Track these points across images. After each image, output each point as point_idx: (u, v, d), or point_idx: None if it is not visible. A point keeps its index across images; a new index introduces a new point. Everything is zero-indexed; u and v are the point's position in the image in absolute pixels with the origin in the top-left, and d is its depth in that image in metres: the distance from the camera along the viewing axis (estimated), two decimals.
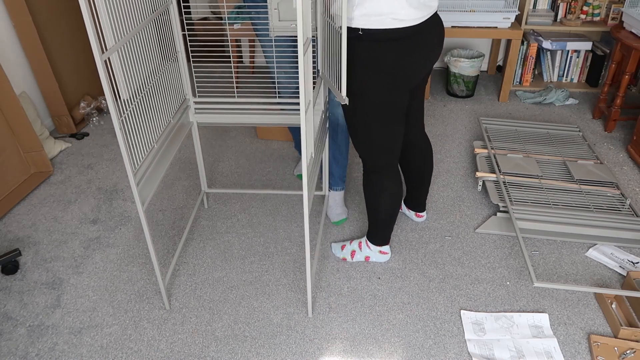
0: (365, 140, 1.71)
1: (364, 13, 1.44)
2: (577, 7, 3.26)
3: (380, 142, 1.70)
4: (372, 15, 1.44)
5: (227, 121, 2.01)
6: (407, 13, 1.44)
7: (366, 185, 1.84)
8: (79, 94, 3.11)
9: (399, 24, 1.45)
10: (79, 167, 2.68)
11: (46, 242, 2.16)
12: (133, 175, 1.45)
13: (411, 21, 1.47)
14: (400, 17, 1.44)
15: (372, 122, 1.64)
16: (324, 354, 1.66)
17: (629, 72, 2.77)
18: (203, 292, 1.90)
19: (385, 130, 1.66)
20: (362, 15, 1.45)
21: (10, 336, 1.73)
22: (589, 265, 2.00)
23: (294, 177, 2.57)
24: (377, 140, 1.69)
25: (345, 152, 2.18)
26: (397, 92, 1.58)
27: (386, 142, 1.70)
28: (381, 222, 1.91)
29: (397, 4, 1.43)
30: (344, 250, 2.04)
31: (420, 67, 1.59)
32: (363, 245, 2.00)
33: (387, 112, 1.62)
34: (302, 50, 1.26)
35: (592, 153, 2.61)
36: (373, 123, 1.64)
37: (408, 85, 1.60)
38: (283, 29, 1.73)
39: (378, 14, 1.43)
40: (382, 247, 1.99)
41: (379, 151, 1.72)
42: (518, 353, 1.64)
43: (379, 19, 1.44)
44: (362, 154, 1.77)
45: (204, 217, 2.29)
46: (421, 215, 2.21)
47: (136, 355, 1.66)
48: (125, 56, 1.43)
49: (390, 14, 1.43)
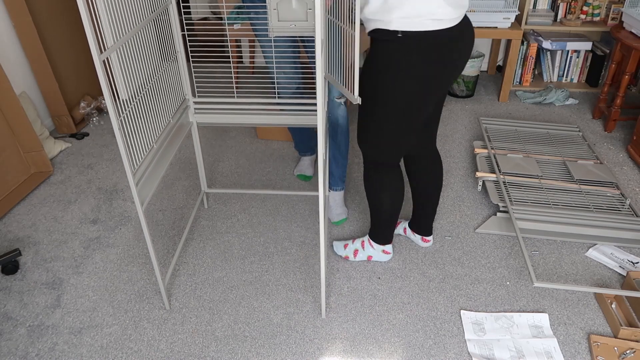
0: (373, 135, 1.67)
1: (403, 15, 1.40)
2: (577, 7, 3.26)
3: (388, 141, 1.65)
4: (412, 17, 1.40)
5: (227, 121, 2.01)
6: (444, 12, 1.41)
7: (366, 180, 1.81)
8: (79, 94, 3.11)
9: (437, 25, 1.42)
10: (79, 167, 2.68)
11: (46, 242, 2.16)
12: (132, 175, 1.45)
13: (449, 21, 1.44)
14: (439, 17, 1.41)
15: (389, 125, 1.60)
16: (324, 354, 1.66)
17: (629, 72, 2.77)
18: (203, 292, 1.90)
19: (398, 132, 1.62)
20: (401, 18, 1.41)
21: (10, 336, 1.73)
22: (589, 265, 2.00)
23: (294, 177, 2.57)
24: (385, 139, 1.65)
25: (345, 152, 2.18)
26: (424, 99, 1.54)
27: (394, 143, 1.66)
28: (383, 221, 1.89)
29: (435, 3, 1.40)
30: (347, 249, 2.03)
31: (452, 76, 1.56)
32: (366, 244, 1.99)
33: (408, 117, 1.57)
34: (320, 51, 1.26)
35: (592, 153, 2.61)
36: (391, 126, 1.60)
37: (437, 93, 1.56)
38: (282, 29, 1.73)
39: (417, 15, 1.40)
40: (384, 247, 1.98)
41: (385, 148, 1.68)
42: (518, 353, 1.64)
43: (419, 20, 1.40)
44: (364, 148, 1.73)
45: (204, 217, 2.29)
46: (427, 240, 2.08)
47: (136, 355, 1.66)
48: (125, 56, 1.43)
49: (429, 15, 1.40)
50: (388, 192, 1.79)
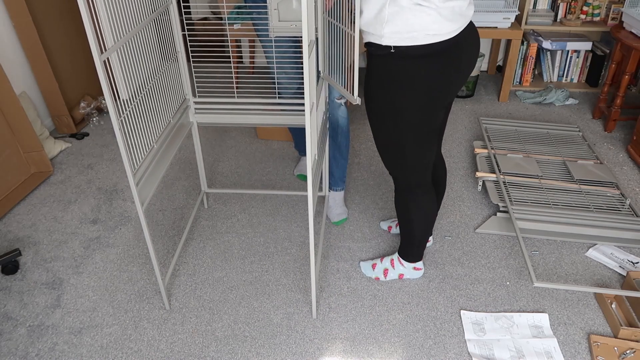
0: (397, 160, 1.62)
1: (394, 30, 1.34)
2: (577, 7, 3.26)
3: (414, 162, 1.60)
4: (403, 32, 1.33)
5: (227, 121, 2.01)
6: (440, 27, 1.33)
7: (399, 204, 1.75)
8: (79, 94, 3.11)
9: (432, 39, 1.34)
10: (79, 167, 2.68)
11: (46, 242, 2.16)
12: (132, 176, 1.45)
13: (445, 35, 1.35)
14: (434, 32, 1.33)
15: (406, 142, 1.54)
16: (324, 354, 1.66)
17: (629, 72, 2.77)
18: (203, 292, 1.90)
19: (420, 150, 1.56)
20: (392, 33, 1.34)
21: (10, 336, 1.73)
22: (589, 265, 2.00)
23: (294, 177, 2.57)
24: (410, 160, 1.59)
25: (345, 153, 2.18)
26: (433, 111, 1.48)
27: (420, 161, 1.60)
28: (416, 240, 1.83)
29: (429, 18, 1.31)
30: (376, 270, 1.95)
31: (456, 83, 1.48)
32: (396, 263, 1.92)
33: (422, 131, 1.52)
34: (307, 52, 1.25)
35: (592, 153, 2.61)
36: (407, 143, 1.54)
37: (444, 102, 1.49)
38: (283, 29, 1.73)
39: (409, 30, 1.33)
40: (415, 264, 1.91)
41: (413, 170, 1.62)
42: (518, 353, 1.64)
43: (411, 35, 1.34)
44: (394, 173, 1.68)
45: (204, 217, 2.29)
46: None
47: (136, 355, 1.66)
48: (125, 56, 1.43)
49: (422, 30, 1.32)
50: (423, 214, 1.74)
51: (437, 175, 1.86)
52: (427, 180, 1.68)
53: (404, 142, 1.54)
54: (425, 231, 1.80)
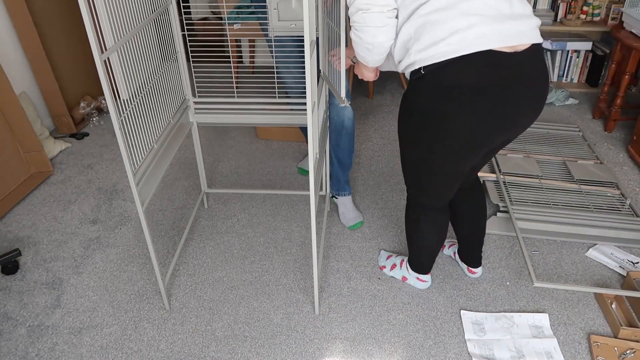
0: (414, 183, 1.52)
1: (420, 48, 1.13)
2: (577, 7, 3.26)
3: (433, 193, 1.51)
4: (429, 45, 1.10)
5: (227, 121, 2.01)
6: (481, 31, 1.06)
7: (409, 220, 1.67)
8: (79, 94, 3.11)
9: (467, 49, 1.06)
10: (79, 167, 2.68)
11: (46, 242, 2.16)
12: (133, 176, 1.45)
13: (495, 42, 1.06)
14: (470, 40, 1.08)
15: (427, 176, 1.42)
16: (324, 354, 1.66)
17: (629, 72, 2.77)
18: (203, 292, 1.90)
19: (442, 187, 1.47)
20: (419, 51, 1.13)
21: (10, 336, 1.73)
22: (589, 265, 2.00)
23: (294, 177, 2.57)
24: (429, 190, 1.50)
25: (349, 154, 2.14)
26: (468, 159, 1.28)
27: (440, 193, 1.51)
28: (423, 257, 1.78)
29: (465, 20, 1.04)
30: (388, 260, 1.95)
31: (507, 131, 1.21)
32: (404, 266, 1.89)
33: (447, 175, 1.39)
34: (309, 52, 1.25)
35: (592, 153, 2.61)
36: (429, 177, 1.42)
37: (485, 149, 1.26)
38: (283, 28, 1.73)
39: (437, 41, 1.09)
40: (420, 275, 1.86)
41: (429, 196, 1.54)
42: (518, 353, 1.64)
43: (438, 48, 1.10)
44: (409, 190, 1.58)
45: (204, 217, 2.29)
46: (474, 272, 1.90)
47: (136, 355, 1.66)
48: (125, 56, 1.43)
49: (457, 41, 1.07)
50: (432, 234, 1.66)
51: (474, 198, 1.71)
52: (443, 205, 1.59)
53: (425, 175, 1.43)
54: (433, 250, 1.72)
